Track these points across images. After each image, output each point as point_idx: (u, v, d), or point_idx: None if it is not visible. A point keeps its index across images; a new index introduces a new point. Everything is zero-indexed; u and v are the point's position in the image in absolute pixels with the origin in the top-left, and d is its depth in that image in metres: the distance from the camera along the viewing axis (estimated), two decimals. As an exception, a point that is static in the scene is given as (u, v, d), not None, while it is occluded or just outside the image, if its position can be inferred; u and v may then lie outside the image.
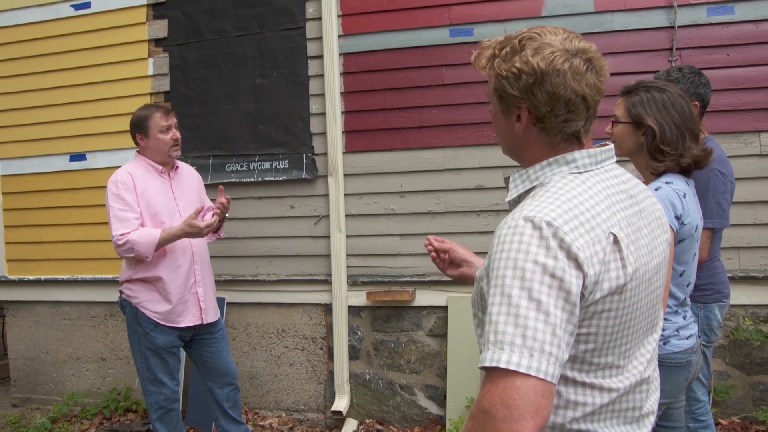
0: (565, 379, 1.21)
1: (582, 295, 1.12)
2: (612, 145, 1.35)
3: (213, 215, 3.37)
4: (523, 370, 1.04)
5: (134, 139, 3.40)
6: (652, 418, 1.38)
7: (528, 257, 1.10)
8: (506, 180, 1.39)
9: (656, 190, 2.14)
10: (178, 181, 3.48)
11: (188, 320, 3.33)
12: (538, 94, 1.23)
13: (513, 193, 1.34)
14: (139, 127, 3.36)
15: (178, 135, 3.38)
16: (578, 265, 1.11)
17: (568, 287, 1.09)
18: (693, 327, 2.28)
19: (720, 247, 2.93)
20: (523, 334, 1.06)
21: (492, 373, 1.07)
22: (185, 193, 3.48)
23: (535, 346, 1.05)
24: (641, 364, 1.31)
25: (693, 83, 2.78)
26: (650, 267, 1.27)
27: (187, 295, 3.34)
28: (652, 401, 1.38)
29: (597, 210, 1.19)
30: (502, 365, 1.05)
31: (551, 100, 1.23)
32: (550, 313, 1.07)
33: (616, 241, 1.18)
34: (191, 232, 3.21)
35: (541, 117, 1.26)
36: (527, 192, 1.31)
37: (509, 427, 1.02)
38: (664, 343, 2.19)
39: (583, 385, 1.22)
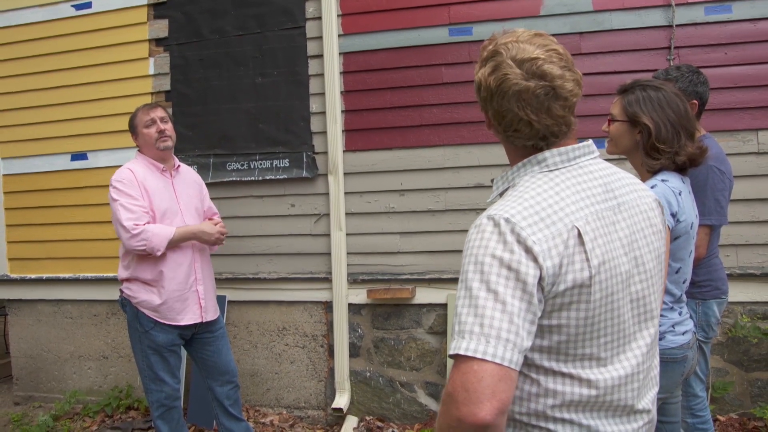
0: (544, 369, 1.27)
1: (541, 286, 1.18)
2: (590, 141, 1.39)
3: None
4: (479, 356, 1.12)
5: (133, 140, 3.48)
6: (646, 416, 1.39)
7: (486, 252, 1.18)
8: (492, 182, 1.48)
9: (652, 188, 2.16)
10: (180, 180, 3.50)
11: (188, 318, 3.34)
12: (489, 108, 1.35)
13: (493, 195, 1.44)
14: (130, 128, 3.46)
15: (163, 127, 3.36)
16: (534, 258, 1.17)
17: (524, 278, 1.16)
18: (689, 323, 2.30)
19: (718, 244, 2.95)
20: (481, 323, 1.14)
21: (456, 360, 1.15)
22: (186, 191, 3.50)
23: (491, 333, 1.12)
24: (633, 358, 1.33)
25: (691, 82, 2.80)
26: (627, 259, 1.30)
27: (188, 293, 3.35)
28: (649, 398, 1.39)
29: (560, 205, 1.24)
30: (461, 352, 1.13)
31: (497, 116, 1.34)
32: (507, 303, 1.14)
33: (579, 234, 1.22)
34: (206, 232, 3.32)
35: (495, 126, 1.38)
36: (504, 192, 1.38)
37: (468, 409, 1.09)
38: (660, 339, 2.21)
39: (562, 374, 1.26)
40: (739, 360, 3.79)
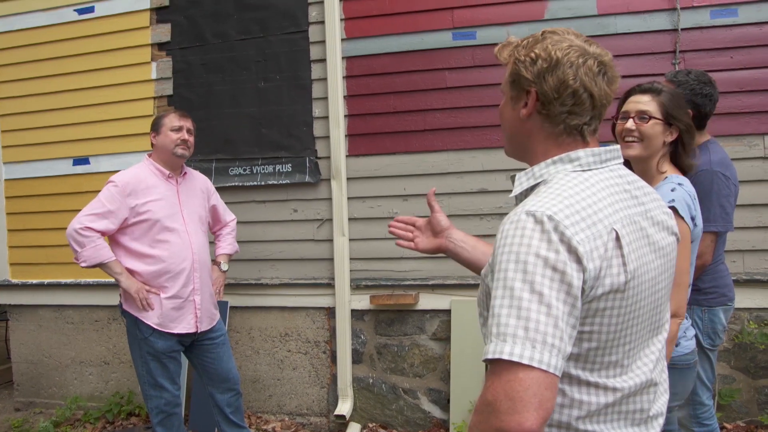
0: (569, 378, 1.22)
1: (582, 289, 1.13)
2: (618, 146, 1.36)
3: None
4: (525, 362, 1.05)
5: (150, 138, 3.46)
6: (661, 420, 1.37)
7: (530, 250, 1.12)
8: (512, 178, 1.41)
9: (672, 191, 2.12)
10: (185, 187, 3.48)
11: (182, 327, 3.33)
12: (549, 80, 1.28)
13: (517, 189, 1.36)
14: (154, 125, 3.45)
15: (186, 137, 3.40)
16: (578, 259, 1.12)
17: (569, 280, 1.10)
18: (692, 328, 2.29)
19: (724, 250, 2.92)
20: (526, 326, 1.07)
21: (495, 365, 1.08)
22: (191, 200, 3.48)
23: (537, 338, 1.06)
24: (646, 365, 1.31)
25: (692, 90, 2.75)
26: (653, 267, 1.27)
27: (184, 303, 3.33)
28: (660, 403, 1.38)
29: (599, 206, 1.20)
30: (505, 357, 1.06)
31: (560, 87, 1.27)
32: (552, 306, 1.08)
33: (617, 237, 1.18)
34: (130, 289, 3.21)
35: (548, 103, 1.30)
36: (531, 189, 1.33)
37: (513, 419, 1.03)
38: (676, 346, 2.18)
39: (588, 384, 1.22)
40: (745, 367, 3.76)
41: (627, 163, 2.32)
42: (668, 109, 2.20)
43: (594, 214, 1.18)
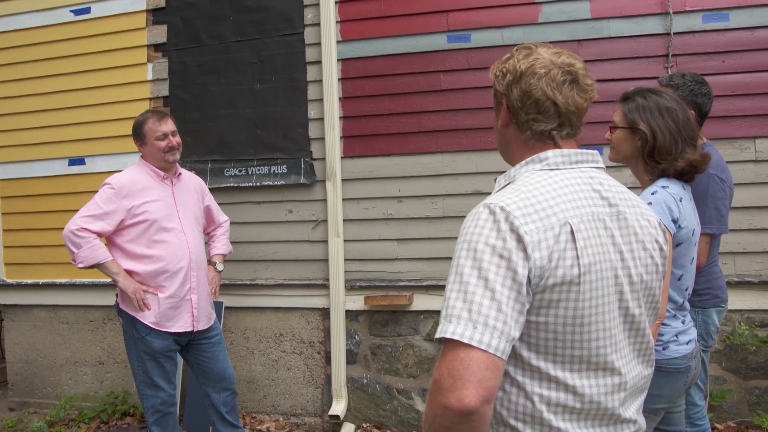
0: (531, 370, 1.27)
1: (529, 278, 1.19)
2: (596, 151, 1.43)
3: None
4: (465, 341, 1.12)
5: (136, 145, 3.45)
6: (633, 426, 1.39)
7: (480, 239, 1.20)
8: (495, 180, 1.50)
9: (652, 194, 2.16)
10: (180, 188, 3.49)
11: (179, 326, 3.34)
12: (514, 91, 1.40)
13: (496, 189, 1.44)
14: (136, 134, 3.42)
15: (174, 141, 3.38)
16: (524, 248, 1.19)
17: (514, 267, 1.17)
18: (692, 332, 2.28)
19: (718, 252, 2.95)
20: (470, 309, 1.15)
21: (443, 348, 1.16)
22: (186, 200, 3.49)
23: (479, 319, 1.14)
24: (621, 367, 1.32)
25: (692, 91, 2.79)
26: (621, 266, 1.31)
27: (181, 302, 3.34)
28: (634, 407, 1.39)
29: (556, 201, 1.26)
30: (448, 335, 1.14)
31: (523, 97, 1.38)
32: (496, 291, 1.16)
33: (572, 231, 1.24)
34: (127, 289, 3.22)
35: (515, 112, 1.40)
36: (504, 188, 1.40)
37: (453, 396, 1.10)
38: (664, 349, 2.20)
39: (548, 378, 1.27)
40: (737, 368, 3.79)
41: None
42: (629, 117, 2.26)
43: (549, 207, 1.25)
